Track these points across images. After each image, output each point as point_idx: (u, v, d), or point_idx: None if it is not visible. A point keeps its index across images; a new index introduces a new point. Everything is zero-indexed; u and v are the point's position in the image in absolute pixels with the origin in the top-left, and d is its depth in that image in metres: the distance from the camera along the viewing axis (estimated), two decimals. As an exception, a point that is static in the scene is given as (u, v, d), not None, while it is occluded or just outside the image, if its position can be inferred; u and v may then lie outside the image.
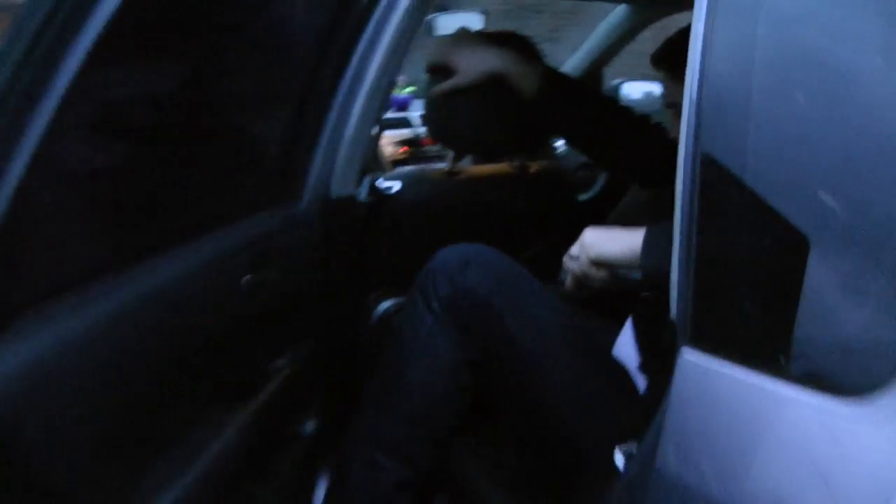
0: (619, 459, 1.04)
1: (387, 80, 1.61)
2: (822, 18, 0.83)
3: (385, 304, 1.87)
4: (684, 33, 1.21)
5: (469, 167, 2.40)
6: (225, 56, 1.30)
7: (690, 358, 0.88)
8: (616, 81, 2.89)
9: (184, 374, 1.21)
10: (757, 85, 0.85)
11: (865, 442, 0.73)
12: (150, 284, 1.11)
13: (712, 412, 0.86)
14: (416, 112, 8.94)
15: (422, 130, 7.46)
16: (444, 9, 2.26)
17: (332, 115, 1.60)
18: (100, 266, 1.04)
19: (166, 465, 1.19)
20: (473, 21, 2.14)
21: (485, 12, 2.21)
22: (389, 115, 8.49)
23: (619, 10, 2.70)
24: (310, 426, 1.70)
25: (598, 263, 1.37)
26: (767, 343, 0.83)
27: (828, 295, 0.82)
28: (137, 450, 1.15)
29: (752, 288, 0.87)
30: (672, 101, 1.59)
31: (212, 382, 1.32)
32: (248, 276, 1.35)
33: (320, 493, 1.86)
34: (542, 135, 2.09)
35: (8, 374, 0.88)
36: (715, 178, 0.86)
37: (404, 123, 8.63)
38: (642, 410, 1.08)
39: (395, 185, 1.97)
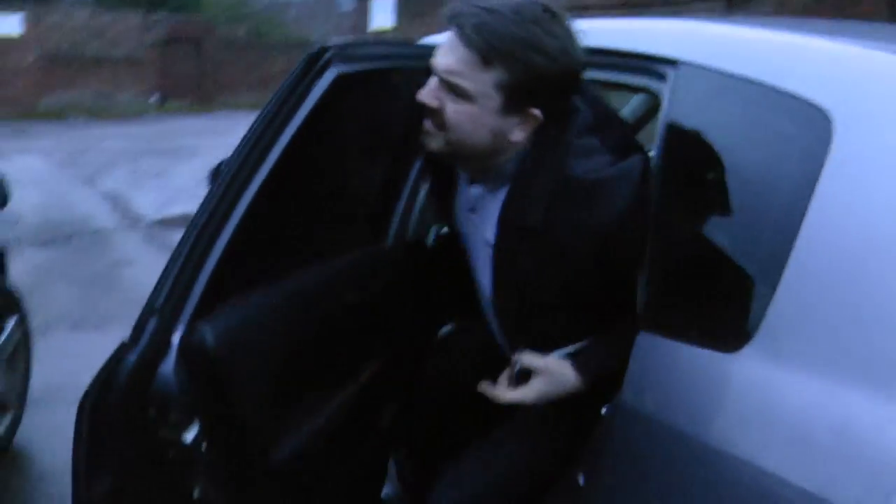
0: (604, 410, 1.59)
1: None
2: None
3: (446, 328, 2.44)
4: None
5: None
6: (349, 156, 2.00)
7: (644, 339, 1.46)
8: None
9: (316, 348, 1.83)
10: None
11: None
12: (299, 284, 1.77)
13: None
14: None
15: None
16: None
17: (408, 184, 2.25)
18: (274, 273, 1.71)
19: (306, 406, 1.81)
20: None
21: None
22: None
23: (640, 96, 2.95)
24: (386, 421, 2.26)
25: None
26: (687, 320, 1.41)
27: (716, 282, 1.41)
28: (291, 390, 1.77)
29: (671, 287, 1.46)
30: None
31: (330, 360, 1.92)
32: (349, 294, 1.97)
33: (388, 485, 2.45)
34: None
35: (225, 333, 1.53)
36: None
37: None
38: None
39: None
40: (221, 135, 18.50)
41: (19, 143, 16.52)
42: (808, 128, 1.33)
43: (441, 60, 1.57)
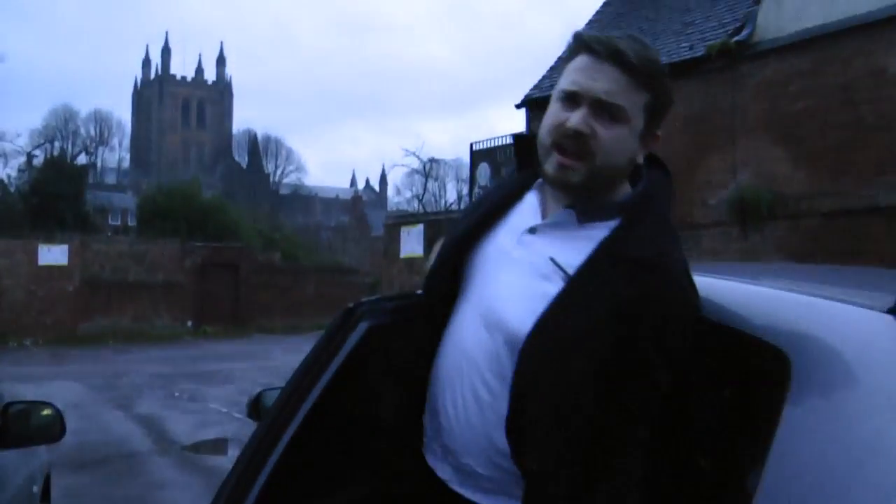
0: None
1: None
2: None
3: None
4: None
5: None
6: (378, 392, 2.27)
7: None
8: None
9: None
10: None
11: None
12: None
13: None
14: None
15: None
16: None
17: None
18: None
19: None
20: None
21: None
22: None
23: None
24: None
25: None
26: None
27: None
28: None
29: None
30: None
31: None
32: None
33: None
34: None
35: None
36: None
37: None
38: None
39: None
40: (255, 359, 18.96)
41: (59, 367, 16.92)
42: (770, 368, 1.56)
43: (599, 85, 1.62)
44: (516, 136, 1.90)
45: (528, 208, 1.78)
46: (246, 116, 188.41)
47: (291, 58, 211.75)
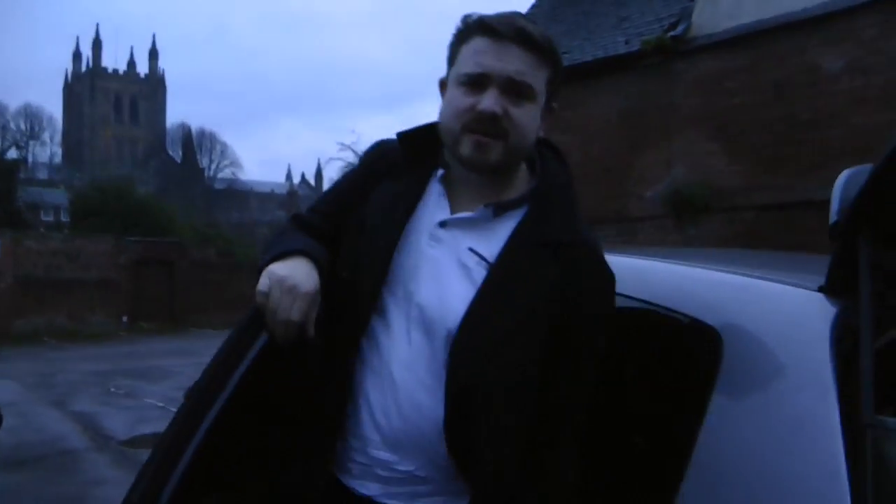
0: None
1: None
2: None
3: None
4: None
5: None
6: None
7: None
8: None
9: None
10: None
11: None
12: None
13: None
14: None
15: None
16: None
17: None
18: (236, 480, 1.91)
19: None
20: None
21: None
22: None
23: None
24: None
25: None
26: None
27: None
28: None
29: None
30: None
31: None
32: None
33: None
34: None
35: None
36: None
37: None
38: None
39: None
40: (192, 355, 18.66)
41: (-9, 366, 16.54)
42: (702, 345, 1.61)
43: (509, 66, 1.63)
44: (401, 135, 1.82)
45: (434, 204, 1.74)
46: (180, 111, 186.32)
47: (226, 51, 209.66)
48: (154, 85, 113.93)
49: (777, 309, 1.64)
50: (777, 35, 9.02)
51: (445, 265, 1.66)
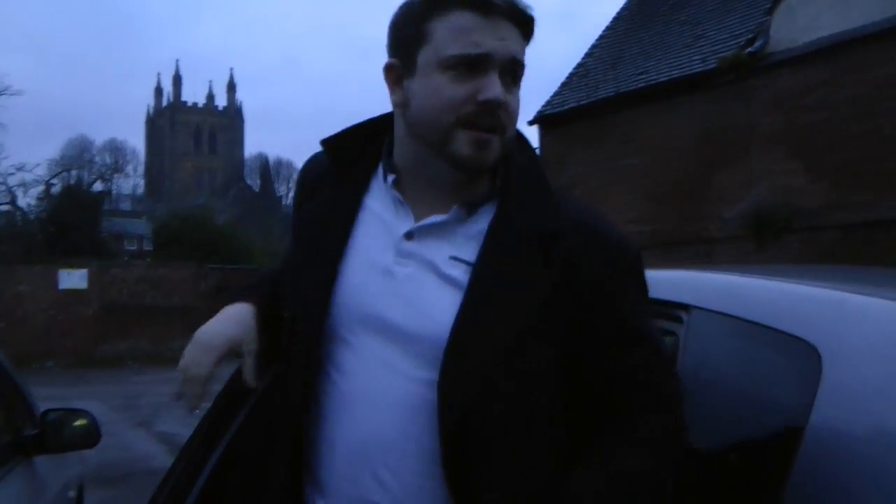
0: None
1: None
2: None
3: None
4: None
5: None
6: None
7: None
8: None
9: None
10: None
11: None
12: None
13: None
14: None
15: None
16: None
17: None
18: None
19: None
20: None
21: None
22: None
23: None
24: None
25: None
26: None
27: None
28: None
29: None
30: None
31: None
32: None
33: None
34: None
35: None
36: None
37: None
38: None
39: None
40: (271, 378, 18.91)
41: (79, 388, 16.97)
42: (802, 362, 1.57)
43: (511, 45, 1.39)
44: (326, 142, 1.56)
45: (388, 214, 1.49)
46: (257, 141, 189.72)
47: (301, 81, 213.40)
48: (232, 117, 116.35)
49: (876, 325, 1.59)
50: (857, 47, 8.84)
51: (424, 282, 1.41)
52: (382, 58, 1.49)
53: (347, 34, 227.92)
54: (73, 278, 24.37)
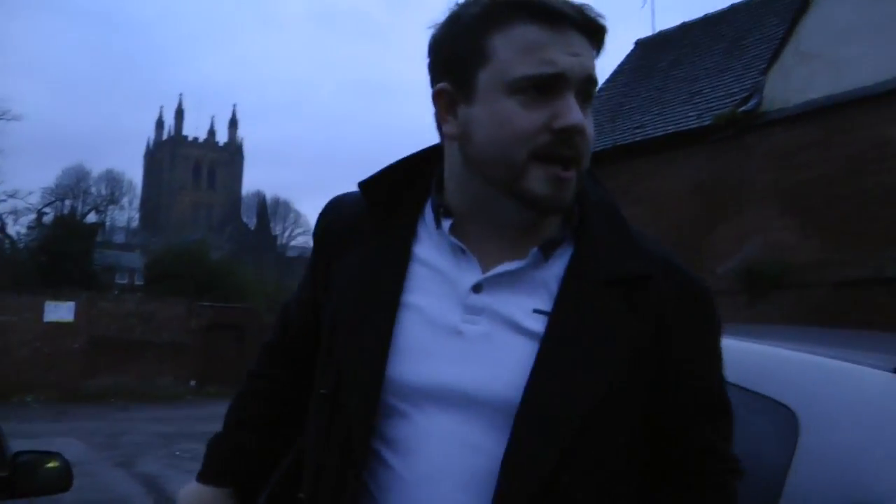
0: None
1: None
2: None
3: None
4: None
5: None
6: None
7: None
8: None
9: None
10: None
11: None
12: None
13: None
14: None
15: None
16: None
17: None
18: None
19: None
20: None
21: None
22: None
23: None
24: None
25: None
26: None
27: None
28: None
29: None
30: None
31: None
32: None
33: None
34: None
35: None
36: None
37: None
38: None
39: None
40: (257, 419, 18.79)
41: (60, 425, 16.86)
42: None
43: (586, 61, 1.20)
44: (365, 185, 1.34)
45: (446, 264, 1.28)
46: (257, 177, 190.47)
47: (305, 119, 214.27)
48: (232, 153, 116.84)
49: (854, 390, 1.61)
50: (848, 109, 8.94)
51: (502, 340, 1.21)
52: (389, 99, 1.33)
53: (355, 73, 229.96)
54: (60, 310, 24.30)
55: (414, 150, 1.39)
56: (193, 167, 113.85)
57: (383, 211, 1.32)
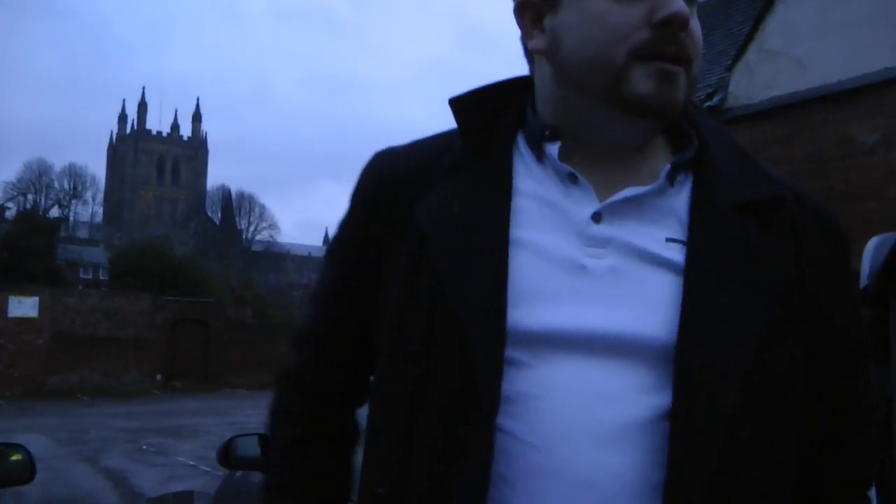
0: None
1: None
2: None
3: None
4: None
5: None
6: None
7: None
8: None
9: None
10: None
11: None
12: None
13: None
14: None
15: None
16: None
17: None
18: None
19: None
20: None
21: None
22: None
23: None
24: None
25: None
26: None
27: None
28: None
29: None
30: None
31: None
32: None
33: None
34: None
35: None
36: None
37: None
38: None
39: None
40: (224, 415, 18.77)
41: (25, 421, 16.70)
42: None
43: None
44: (456, 101, 1.15)
45: (550, 194, 1.09)
46: (221, 172, 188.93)
47: (269, 114, 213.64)
48: (196, 147, 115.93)
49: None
50: (812, 107, 9.06)
51: (636, 274, 1.04)
52: (352, 95, 1.15)
53: (319, 69, 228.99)
54: (24, 306, 24.07)
55: (379, 144, 1.24)
56: (157, 162, 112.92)
57: (477, 137, 1.13)
